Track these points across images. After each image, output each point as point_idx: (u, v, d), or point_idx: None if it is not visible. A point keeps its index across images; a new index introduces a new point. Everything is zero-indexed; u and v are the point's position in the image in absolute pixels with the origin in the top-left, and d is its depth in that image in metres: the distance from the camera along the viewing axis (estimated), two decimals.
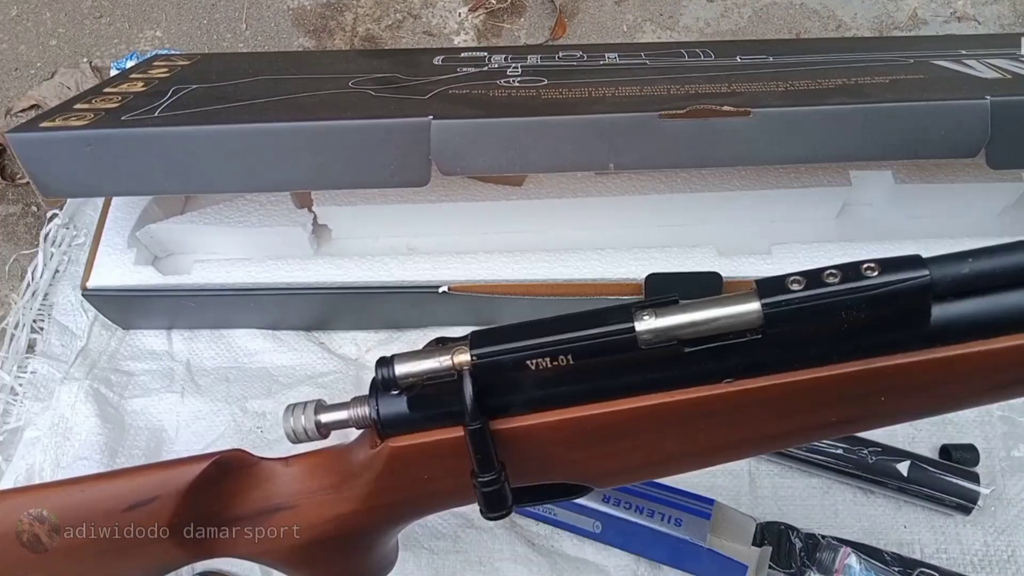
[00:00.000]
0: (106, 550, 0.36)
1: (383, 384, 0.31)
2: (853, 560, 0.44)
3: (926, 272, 0.27)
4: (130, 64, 0.66)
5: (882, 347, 0.28)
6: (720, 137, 0.47)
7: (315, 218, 0.57)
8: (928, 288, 0.27)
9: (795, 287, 0.27)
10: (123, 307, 0.57)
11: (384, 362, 0.31)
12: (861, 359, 0.28)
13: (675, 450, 0.31)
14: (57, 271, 0.64)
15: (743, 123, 0.46)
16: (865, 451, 0.49)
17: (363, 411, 0.32)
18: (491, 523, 0.50)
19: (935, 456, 0.51)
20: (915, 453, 0.49)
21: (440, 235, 0.58)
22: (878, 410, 0.30)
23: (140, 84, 0.55)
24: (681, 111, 0.46)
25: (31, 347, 0.60)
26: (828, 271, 0.27)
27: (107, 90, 0.54)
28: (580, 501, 0.47)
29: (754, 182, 0.56)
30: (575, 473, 0.33)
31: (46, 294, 0.62)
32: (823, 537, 0.46)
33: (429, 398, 0.31)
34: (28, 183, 0.61)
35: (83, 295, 0.56)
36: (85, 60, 1.21)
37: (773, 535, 0.47)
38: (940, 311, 0.28)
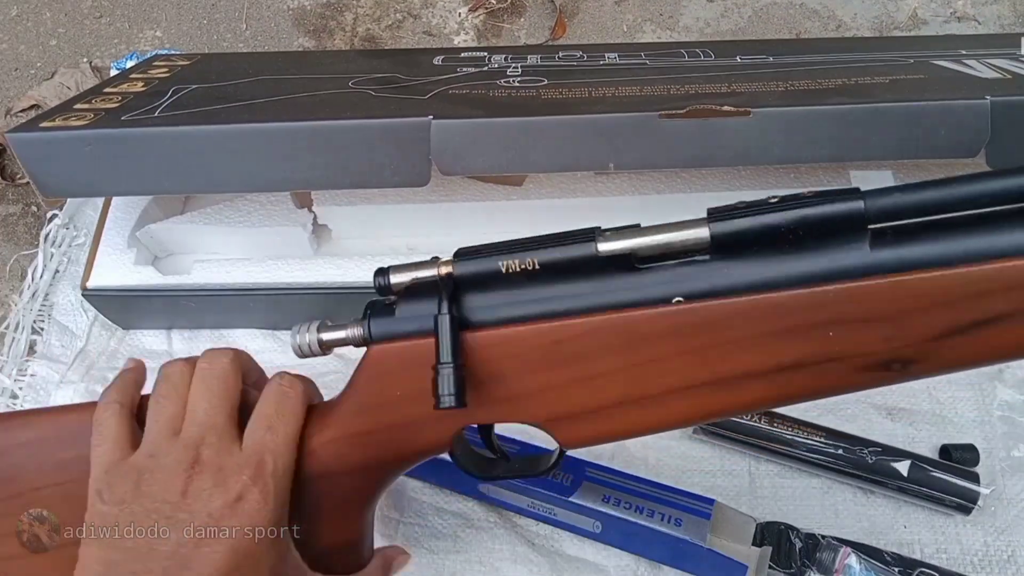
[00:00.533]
0: None
1: (378, 289, 0.35)
2: (853, 560, 0.44)
3: (860, 198, 0.28)
4: (130, 64, 0.66)
5: (826, 277, 0.29)
6: (720, 137, 0.47)
7: (315, 218, 0.57)
8: (862, 213, 0.28)
9: (739, 208, 0.30)
10: (123, 307, 0.57)
11: (381, 272, 0.35)
12: (803, 286, 0.29)
13: (629, 387, 0.32)
14: (57, 271, 0.64)
15: (743, 123, 0.46)
16: (865, 451, 0.49)
17: (359, 330, 0.35)
18: (491, 523, 0.50)
19: (935, 456, 0.51)
20: (915, 453, 0.49)
21: (440, 235, 0.58)
22: (830, 351, 0.30)
23: (140, 84, 0.55)
24: (681, 111, 0.46)
25: (32, 348, 0.60)
26: (771, 197, 0.30)
27: (107, 90, 0.54)
28: (580, 501, 0.47)
29: (754, 182, 0.56)
30: (535, 409, 0.34)
31: (47, 294, 0.62)
32: (823, 537, 0.46)
33: (414, 308, 0.34)
34: (28, 183, 0.61)
35: (83, 295, 0.56)
36: (85, 60, 1.21)
37: (773, 535, 0.47)
38: (880, 251, 0.29)
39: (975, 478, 0.48)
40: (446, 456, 0.52)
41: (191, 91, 0.53)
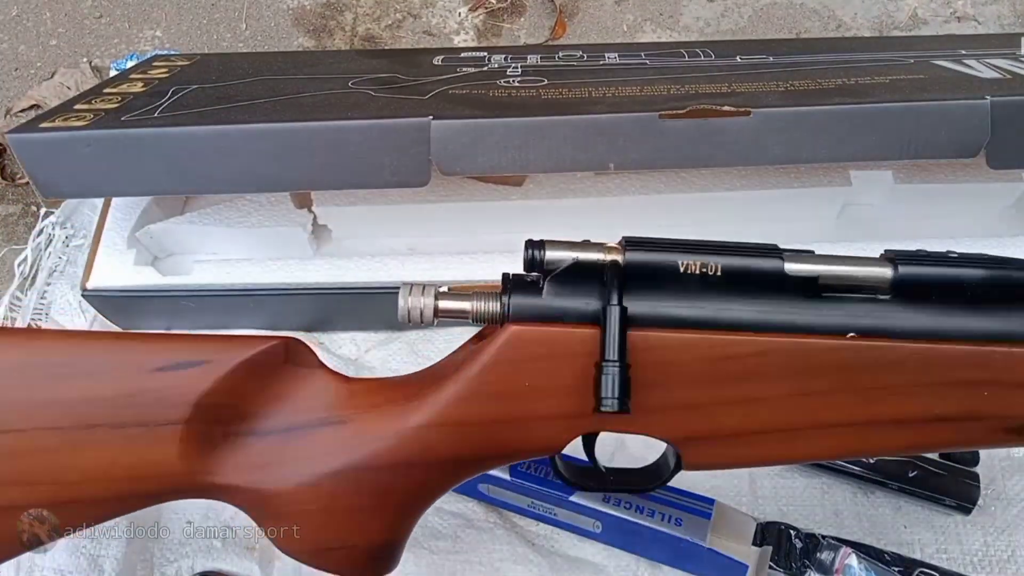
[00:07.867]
0: (104, 425, 0.31)
1: (527, 263, 0.32)
2: (853, 560, 0.44)
3: None
4: (130, 64, 0.66)
5: (996, 338, 0.30)
6: (720, 137, 0.47)
7: (315, 218, 0.57)
8: None
9: (923, 255, 0.30)
10: (123, 308, 0.57)
11: (534, 244, 0.32)
12: (973, 343, 0.30)
13: (783, 416, 0.31)
14: (55, 271, 0.64)
15: (743, 123, 0.46)
16: None
17: (487, 305, 0.32)
18: (491, 523, 0.50)
19: (935, 457, 0.51)
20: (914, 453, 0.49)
21: (440, 235, 0.58)
22: (980, 409, 0.30)
23: (140, 84, 0.55)
24: (681, 111, 0.46)
25: None
26: (949, 252, 0.30)
27: (107, 90, 0.54)
28: (580, 501, 0.47)
29: (754, 182, 0.56)
30: (676, 424, 0.31)
31: (43, 292, 0.62)
32: (823, 537, 0.46)
33: (571, 292, 0.31)
34: (28, 183, 0.61)
35: (83, 295, 0.56)
36: (85, 60, 1.21)
37: (773, 535, 0.47)
38: None
39: (975, 478, 0.48)
40: None
41: (191, 91, 0.53)
